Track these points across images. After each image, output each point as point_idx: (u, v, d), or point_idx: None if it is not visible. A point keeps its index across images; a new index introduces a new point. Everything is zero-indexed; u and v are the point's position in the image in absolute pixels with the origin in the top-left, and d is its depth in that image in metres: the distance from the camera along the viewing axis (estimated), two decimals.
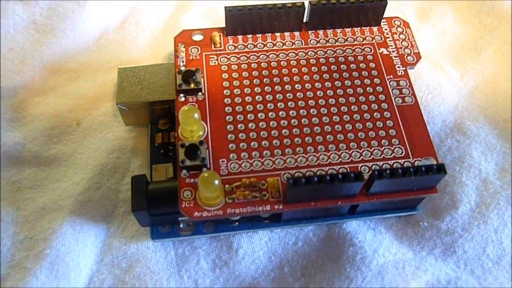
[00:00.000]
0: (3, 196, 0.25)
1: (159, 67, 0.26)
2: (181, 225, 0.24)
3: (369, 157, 0.23)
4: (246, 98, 0.25)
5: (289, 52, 0.26)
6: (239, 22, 0.26)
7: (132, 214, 0.24)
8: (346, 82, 0.25)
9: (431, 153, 0.23)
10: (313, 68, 0.26)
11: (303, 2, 0.26)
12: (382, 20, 0.27)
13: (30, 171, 0.26)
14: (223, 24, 0.26)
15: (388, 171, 0.21)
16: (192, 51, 0.26)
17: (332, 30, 0.27)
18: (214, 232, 0.24)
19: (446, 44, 0.31)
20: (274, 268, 0.24)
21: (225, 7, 0.26)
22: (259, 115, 0.24)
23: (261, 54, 0.26)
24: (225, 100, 0.24)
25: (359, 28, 0.27)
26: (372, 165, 0.23)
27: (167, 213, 0.23)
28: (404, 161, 0.23)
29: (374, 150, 0.23)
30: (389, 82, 0.25)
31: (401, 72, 0.26)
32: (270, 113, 0.24)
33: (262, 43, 0.26)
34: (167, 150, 0.26)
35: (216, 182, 0.21)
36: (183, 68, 0.25)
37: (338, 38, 0.27)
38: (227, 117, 0.24)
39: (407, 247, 0.24)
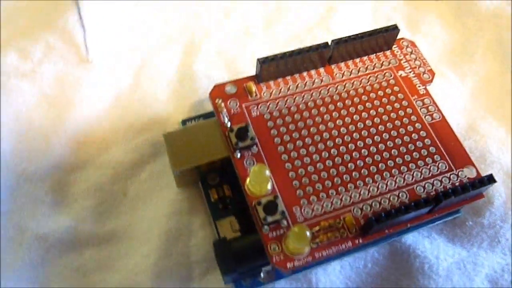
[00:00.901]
0: (70, 284, 0.25)
1: (204, 126, 0.27)
2: (262, 275, 0.25)
3: (420, 177, 0.25)
4: (297, 142, 0.26)
5: (321, 89, 0.28)
6: (271, 70, 0.27)
7: (209, 274, 0.25)
8: (379, 109, 0.27)
9: (469, 162, 0.26)
10: (346, 101, 0.27)
11: (327, 42, 0.27)
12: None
13: (91, 252, 0.26)
14: (236, 66, 0.28)
15: (450, 191, 0.24)
16: (231, 105, 0.27)
17: (352, 61, 0.29)
18: (293, 273, 0.26)
19: (439, 51, 0.34)
20: None
21: (257, 59, 0.26)
22: (313, 157, 0.26)
23: (296, 96, 0.27)
24: (279, 148, 0.26)
25: (374, 55, 0.29)
26: (425, 183, 0.25)
27: (253, 267, 0.24)
28: (450, 174, 0.26)
29: (422, 169, 0.26)
30: (416, 102, 0.28)
31: (423, 91, 0.28)
32: (323, 153, 0.26)
33: (293, 85, 0.28)
34: (226, 204, 0.27)
35: (308, 233, 0.22)
36: (234, 126, 0.25)
37: (359, 68, 0.29)
38: (286, 165, 0.25)
39: (460, 247, 0.27)
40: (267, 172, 0.24)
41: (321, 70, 0.28)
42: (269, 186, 0.24)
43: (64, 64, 0.30)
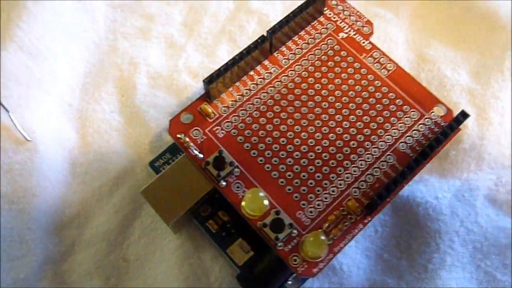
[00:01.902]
0: None
1: (177, 168, 0.25)
2: (289, 282, 0.26)
3: (398, 134, 0.26)
4: (273, 147, 0.25)
5: (274, 83, 0.27)
6: (219, 85, 0.26)
7: None
8: (336, 81, 0.27)
9: (435, 100, 0.26)
10: (302, 85, 0.27)
11: (263, 35, 0.26)
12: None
13: None
14: (177, 85, 0.27)
15: (434, 142, 0.24)
16: (195, 134, 0.26)
17: (291, 41, 0.28)
18: None
19: None
20: (376, 261, 0.27)
21: (203, 81, 0.25)
22: (294, 155, 0.25)
23: (253, 99, 0.26)
24: (259, 160, 0.25)
25: (310, 26, 0.28)
26: (405, 138, 0.26)
27: (282, 283, 0.24)
28: (425, 119, 0.26)
29: (397, 125, 0.26)
30: (367, 60, 0.27)
31: (368, 46, 0.28)
32: (301, 148, 0.25)
33: (245, 89, 0.27)
34: (228, 230, 0.26)
35: (323, 237, 0.22)
36: (208, 158, 0.24)
37: (301, 45, 0.28)
38: (272, 174, 0.25)
39: (452, 178, 0.28)
40: (261, 193, 0.23)
41: (266, 62, 0.27)
42: (266, 203, 0.24)
43: (4, 153, 0.28)
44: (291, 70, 0.27)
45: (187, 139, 0.25)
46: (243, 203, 0.24)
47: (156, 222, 0.27)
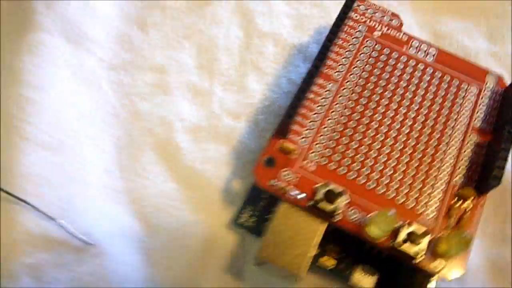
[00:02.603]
0: None
1: (281, 217, 0.23)
2: None
3: (468, 113, 0.26)
4: (367, 162, 0.24)
5: (338, 98, 0.26)
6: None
7: None
8: (390, 86, 0.27)
9: (484, 71, 0.27)
10: (364, 93, 0.26)
11: (314, 65, 0.25)
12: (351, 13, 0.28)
13: None
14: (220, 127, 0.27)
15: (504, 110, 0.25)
16: (287, 176, 0.24)
17: (333, 53, 0.27)
18: None
19: None
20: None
21: (284, 117, 0.23)
22: (388, 163, 0.24)
23: (326, 121, 0.25)
24: (359, 181, 0.24)
25: (344, 33, 0.28)
26: (477, 115, 0.26)
27: None
28: (484, 91, 0.27)
29: (464, 105, 0.26)
30: (409, 51, 0.28)
31: (405, 37, 0.28)
32: (392, 154, 0.25)
33: (313, 114, 0.25)
34: (345, 261, 0.25)
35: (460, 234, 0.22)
36: (316, 195, 0.23)
37: (345, 53, 0.27)
38: (378, 189, 0.24)
39: None
40: (390, 213, 0.22)
41: (320, 81, 0.26)
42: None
43: (65, 269, 0.24)
44: (347, 82, 0.26)
45: (282, 184, 0.24)
46: (370, 228, 0.23)
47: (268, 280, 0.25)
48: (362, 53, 0.27)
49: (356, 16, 0.28)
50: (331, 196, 0.23)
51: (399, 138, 0.25)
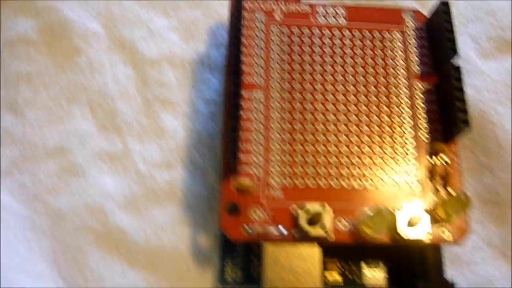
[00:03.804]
0: None
1: (271, 261, 0.20)
2: None
3: (404, 59, 0.24)
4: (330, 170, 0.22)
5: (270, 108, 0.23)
6: None
7: None
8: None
9: (399, 11, 0.25)
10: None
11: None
12: None
13: None
14: None
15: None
16: (258, 216, 0.20)
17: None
18: None
19: None
20: None
21: (230, 159, 0.20)
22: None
23: (271, 135, 0.22)
24: (335, 186, 0.21)
25: None
26: (410, 57, 0.24)
27: None
28: (406, 33, 0.25)
29: (397, 53, 0.24)
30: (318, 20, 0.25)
31: (307, 9, 0.25)
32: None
33: (251, 135, 0.22)
34: (348, 269, 0.23)
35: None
36: (301, 225, 0.20)
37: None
38: (342, 184, 0.22)
39: None
40: (382, 207, 0.20)
41: (245, 93, 0.23)
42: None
43: None
44: (271, 81, 0.23)
45: (259, 228, 0.20)
46: (367, 229, 0.20)
47: None
48: (272, 44, 0.24)
49: (249, 5, 0.25)
50: (313, 219, 0.20)
51: (351, 119, 0.23)
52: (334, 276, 0.23)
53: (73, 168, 0.24)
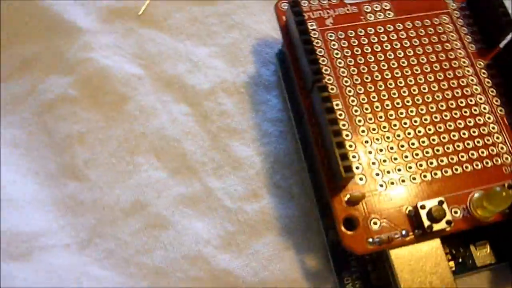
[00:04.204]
0: None
1: (400, 264, 0.20)
2: None
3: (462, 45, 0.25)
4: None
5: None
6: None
7: None
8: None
9: None
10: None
11: None
12: None
13: None
14: None
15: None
16: (378, 224, 0.20)
17: None
18: None
19: None
20: None
21: (344, 174, 0.19)
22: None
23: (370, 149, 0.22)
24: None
25: None
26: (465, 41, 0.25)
27: None
28: (453, 15, 0.25)
29: (449, 36, 0.25)
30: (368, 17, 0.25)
31: (354, 9, 0.25)
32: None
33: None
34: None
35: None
36: (424, 224, 0.20)
37: None
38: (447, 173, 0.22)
39: None
40: (497, 188, 0.20)
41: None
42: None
43: None
44: (345, 89, 0.23)
45: (383, 236, 0.20)
46: (483, 212, 0.21)
47: None
48: (333, 50, 0.24)
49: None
50: (434, 214, 0.20)
51: (431, 108, 0.23)
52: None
53: (157, 221, 0.23)
